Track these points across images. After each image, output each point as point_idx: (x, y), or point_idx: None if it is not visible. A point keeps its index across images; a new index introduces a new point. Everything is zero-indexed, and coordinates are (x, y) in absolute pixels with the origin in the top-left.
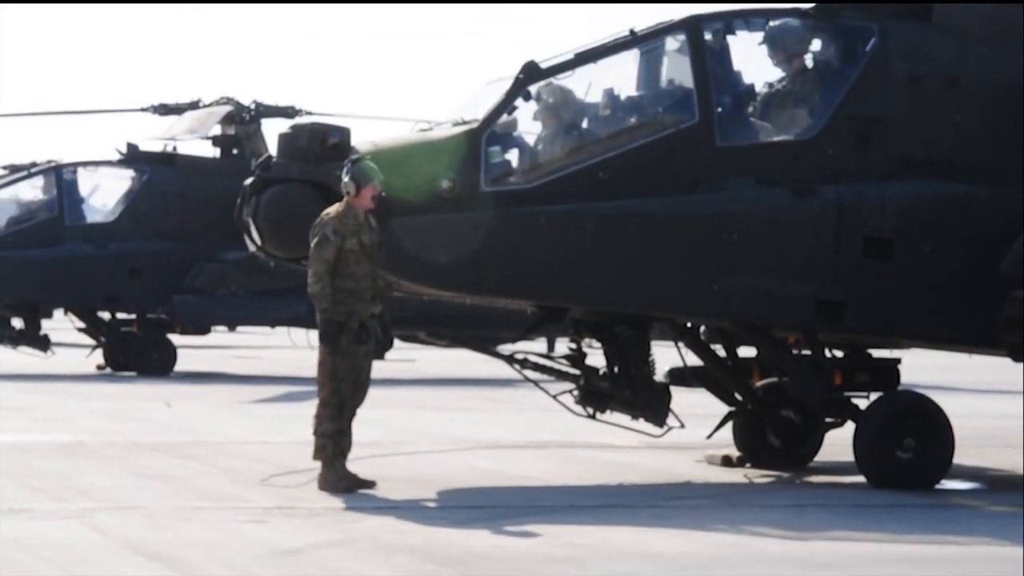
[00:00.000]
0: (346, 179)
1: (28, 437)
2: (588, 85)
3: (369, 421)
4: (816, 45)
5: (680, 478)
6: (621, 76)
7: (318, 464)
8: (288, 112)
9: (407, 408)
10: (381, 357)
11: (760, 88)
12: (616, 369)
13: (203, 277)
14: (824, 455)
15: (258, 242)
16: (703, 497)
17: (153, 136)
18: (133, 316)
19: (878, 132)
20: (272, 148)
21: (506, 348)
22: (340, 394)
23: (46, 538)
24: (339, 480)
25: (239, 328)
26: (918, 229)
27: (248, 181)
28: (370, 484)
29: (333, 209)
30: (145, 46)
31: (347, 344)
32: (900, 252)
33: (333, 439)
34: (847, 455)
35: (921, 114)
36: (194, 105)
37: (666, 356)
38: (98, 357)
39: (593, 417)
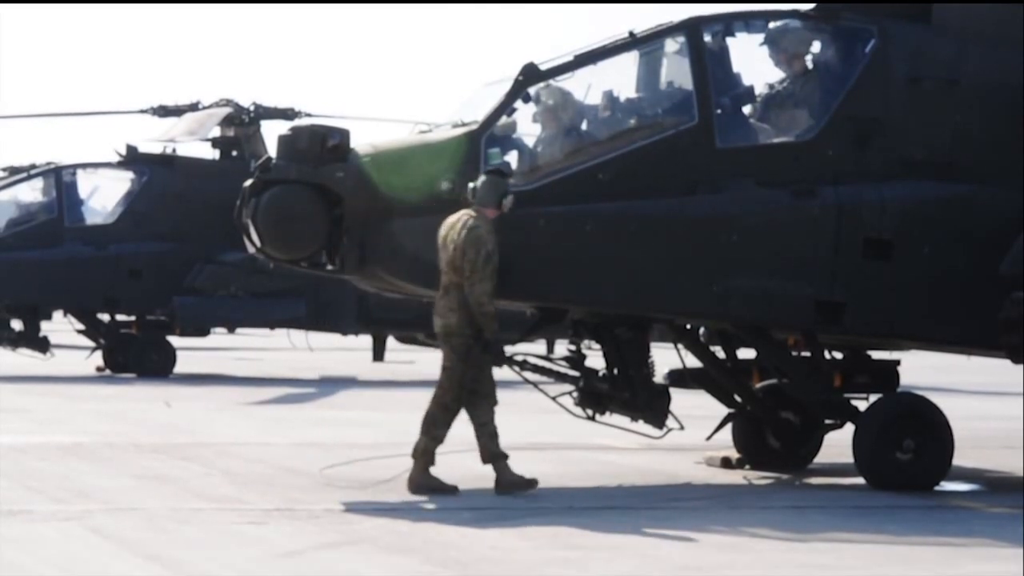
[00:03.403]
0: (510, 197)
1: (27, 438)
2: (587, 87)
3: (370, 423)
4: (816, 46)
5: (679, 480)
6: (621, 78)
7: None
8: (287, 114)
9: (407, 409)
10: (380, 359)
11: (760, 89)
12: (615, 371)
13: (202, 278)
14: (823, 457)
15: (257, 243)
16: (703, 499)
17: (152, 138)
18: (132, 318)
19: (878, 133)
20: (272, 150)
21: (506, 350)
22: (459, 401)
23: (45, 539)
24: (516, 481)
25: (238, 329)
26: (918, 230)
27: (248, 183)
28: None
29: (481, 222)
30: (145, 47)
31: (476, 355)
32: (900, 253)
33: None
34: (846, 457)
35: (921, 115)
36: (193, 107)
37: (665, 358)
38: (97, 359)
39: (592, 419)
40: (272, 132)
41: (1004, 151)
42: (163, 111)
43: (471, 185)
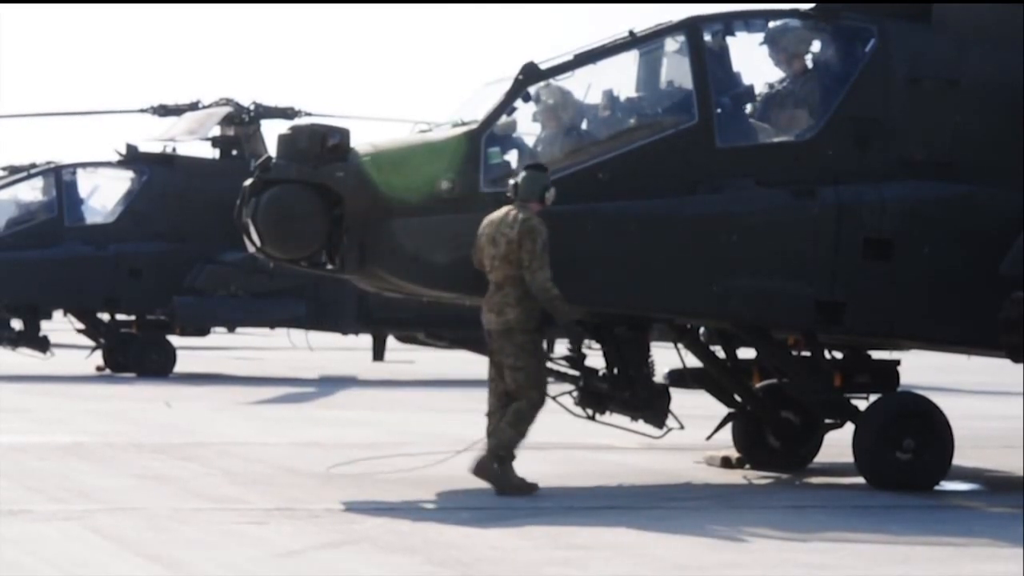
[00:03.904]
0: (552, 190)
1: (27, 438)
2: (587, 86)
3: (369, 422)
4: (816, 46)
5: (679, 479)
6: (620, 77)
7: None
8: (287, 113)
9: (407, 409)
10: (380, 358)
11: (759, 89)
12: (616, 370)
13: (202, 278)
14: (823, 456)
15: (257, 243)
16: (702, 498)
17: (152, 137)
18: (132, 317)
19: (877, 133)
20: (271, 149)
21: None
22: (544, 397)
23: (46, 539)
24: (517, 484)
25: (238, 329)
26: (918, 230)
27: (247, 182)
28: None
29: (531, 214)
30: (145, 46)
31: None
32: (900, 253)
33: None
34: (846, 456)
35: (921, 115)
36: (193, 106)
37: (665, 357)
38: (97, 358)
39: (592, 418)
40: (272, 132)
41: (1004, 151)
42: (163, 110)
43: (511, 181)
